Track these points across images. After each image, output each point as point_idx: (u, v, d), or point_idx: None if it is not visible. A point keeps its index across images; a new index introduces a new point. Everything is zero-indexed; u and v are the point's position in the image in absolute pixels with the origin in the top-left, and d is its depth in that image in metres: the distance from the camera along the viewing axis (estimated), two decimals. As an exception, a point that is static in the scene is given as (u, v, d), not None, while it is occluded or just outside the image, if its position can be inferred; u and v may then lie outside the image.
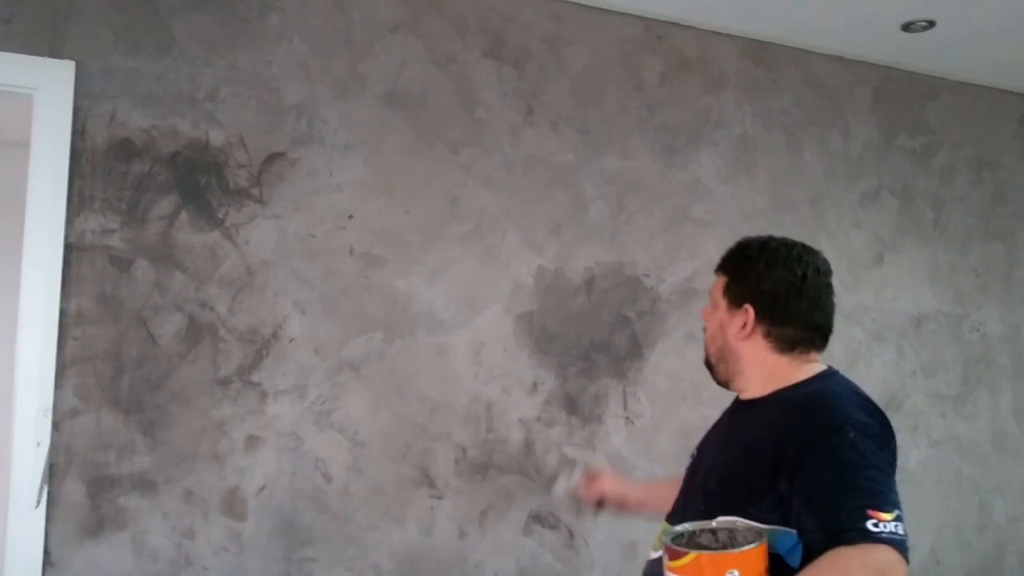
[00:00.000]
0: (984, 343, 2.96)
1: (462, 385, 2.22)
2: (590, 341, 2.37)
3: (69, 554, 1.84)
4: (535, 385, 2.29)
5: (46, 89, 1.90)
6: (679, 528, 1.32)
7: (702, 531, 1.31)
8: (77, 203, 1.90)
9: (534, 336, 2.31)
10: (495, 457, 2.23)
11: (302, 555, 2.02)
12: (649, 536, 2.32)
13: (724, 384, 1.60)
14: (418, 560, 2.13)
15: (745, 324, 1.51)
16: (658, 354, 2.45)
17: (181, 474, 1.94)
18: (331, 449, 2.07)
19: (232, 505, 1.98)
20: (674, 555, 1.24)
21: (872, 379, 2.66)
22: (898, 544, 1.22)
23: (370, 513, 2.09)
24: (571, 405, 2.33)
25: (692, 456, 1.64)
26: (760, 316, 1.50)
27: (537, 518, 2.26)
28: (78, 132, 1.91)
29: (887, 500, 1.26)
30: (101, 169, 1.93)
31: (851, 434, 1.32)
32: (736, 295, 1.54)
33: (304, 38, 2.15)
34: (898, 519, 1.25)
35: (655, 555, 1.49)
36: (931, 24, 2.56)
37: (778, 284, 1.50)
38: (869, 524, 1.22)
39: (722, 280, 1.59)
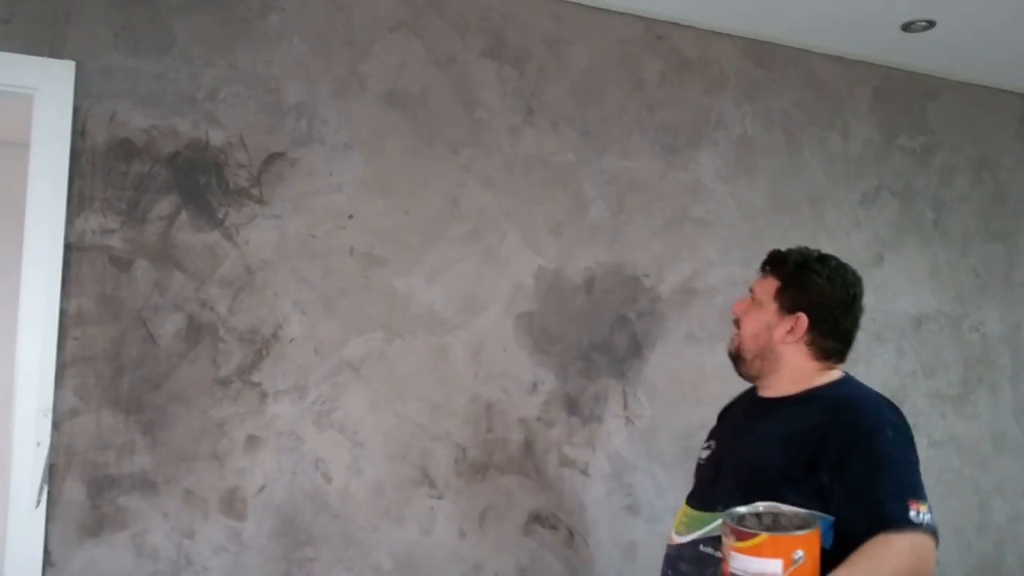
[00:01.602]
0: (984, 343, 2.96)
1: (462, 385, 2.22)
2: (590, 341, 2.37)
3: (69, 554, 1.84)
4: (535, 385, 2.29)
5: (46, 89, 1.89)
6: (739, 510, 1.39)
7: (749, 514, 1.40)
8: (77, 203, 1.90)
9: (534, 336, 2.30)
10: (495, 457, 2.23)
11: (302, 555, 2.02)
12: (650, 537, 2.33)
13: (751, 378, 1.71)
14: (418, 560, 2.13)
15: (793, 329, 1.63)
16: (658, 354, 2.45)
17: (181, 474, 1.94)
18: (331, 449, 2.07)
19: (232, 505, 1.98)
20: (742, 536, 1.31)
21: (872, 379, 2.64)
22: (934, 532, 1.40)
23: (370, 513, 2.09)
24: (571, 405, 2.33)
25: (709, 446, 1.75)
26: (810, 325, 1.62)
27: (537, 518, 2.26)
28: (78, 132, 1.91)
29: (921, 492, 1.43)
30: (101, 169, 1.93)
31: (889, 433, 1.48)
32: (790, 301, 1.64)
33: (304, 38, 2.15)
34: (930, 509, 1.41)
35: (681, 539, 1.60)
36: (931, 24, 2.56)
37: (834, 300, 1.64)
38: (911, 514, 1.38)
39: (774, 283, 1.67)
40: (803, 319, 1.62)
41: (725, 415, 1.84)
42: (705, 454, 1.75)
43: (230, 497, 1.98)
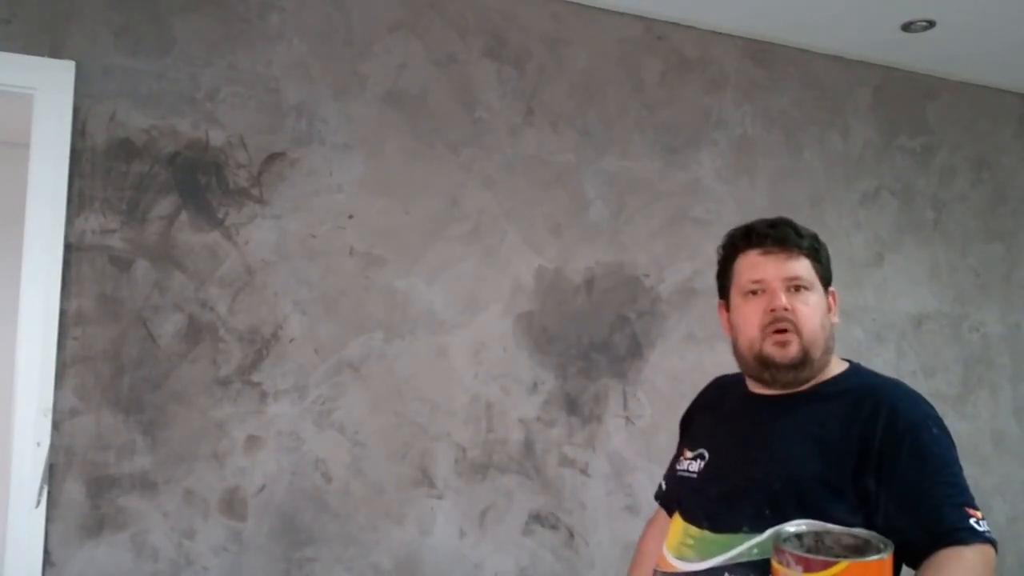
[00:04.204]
0: (984, 343, 2.96)
1: (462, 385, 2.22)
2: (590, 341, 2.37)
3: (69, 554, 1.84)
4: (535, 385, 2.29)
5: (46, 89, 1.89)
6: (788, 530, 1.17)
7: (792, 536, 1.17)
8: (77, 203, 1.90)
9: (534, 336, 2.30)
10: (495, 457, 2.23)
11: (302, 555, 2.02)
12: (649, 536, 2.32)
13: (805, 381, 1.40)
14: (418, 560, 2.13)
15: (833, 308, 1.42)
16: (658, 354, 2.45)
17: (181, 474, 1.94)
18: (331, 449, 2.07)
19: (232, 505, 1.98)
20: (813, 565, 1.08)
21: (872, 379, 2.66)
22: (995, 542, 1.27)
23: (370, 513, 2.09)
24: (571, 405, 2.33)
25: (700, 455, 1.49)
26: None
27: (537, 518, 2.26)
28: (78, 132, 1.91)
29: (973, 498, 1.28)
30: (101, 169, 1.93)
31: (934, 430, 1.31)
32: (823, 278, 1.42)
33: (304, 38, 2.15)
34: (983, 516, 1.28)
35: (691, 566, 1.36)
36: (931, 24, 2.56)
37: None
38: (972, 523, 1.25)
39: (804, 260, 1.41)
40: (836, 294, 1.43)
41: (703, 416, 1.61)
42: (696, 465, 1.47)
43: (230, 497, 1.98)
